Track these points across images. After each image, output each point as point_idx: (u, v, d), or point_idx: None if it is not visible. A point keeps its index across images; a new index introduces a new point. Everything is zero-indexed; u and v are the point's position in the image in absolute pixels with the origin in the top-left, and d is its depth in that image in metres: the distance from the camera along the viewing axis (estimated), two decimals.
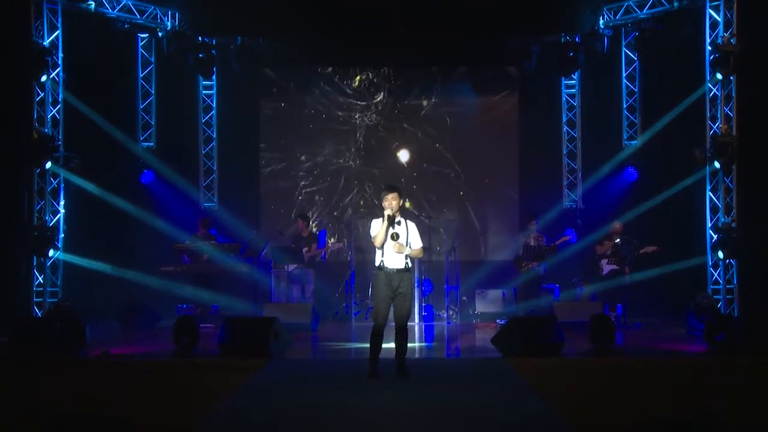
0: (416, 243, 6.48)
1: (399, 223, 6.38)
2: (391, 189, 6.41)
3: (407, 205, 12.13)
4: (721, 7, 10.26)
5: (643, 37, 11.24)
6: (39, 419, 4.32)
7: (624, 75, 12.08)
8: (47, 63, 10.33)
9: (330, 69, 12.84)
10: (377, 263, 6.41)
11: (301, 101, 12.86)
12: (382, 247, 6.36)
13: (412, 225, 6.52)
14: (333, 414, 5.13)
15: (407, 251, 6.35)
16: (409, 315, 6.47)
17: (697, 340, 8.66)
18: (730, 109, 10.34)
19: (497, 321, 10.73)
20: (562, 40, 11.55)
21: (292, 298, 10.82)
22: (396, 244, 6.27)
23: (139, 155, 12.01)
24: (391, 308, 6.40)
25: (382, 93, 12.86)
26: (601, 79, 12.26)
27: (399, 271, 6.35)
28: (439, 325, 10.97)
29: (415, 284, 11.21)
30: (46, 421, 4.08)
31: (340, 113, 12.88)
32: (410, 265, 6.45)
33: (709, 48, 10.34)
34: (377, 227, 6.37)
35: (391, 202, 6.33)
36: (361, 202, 12.79)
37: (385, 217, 6.28)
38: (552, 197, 12.32)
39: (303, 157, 12.85)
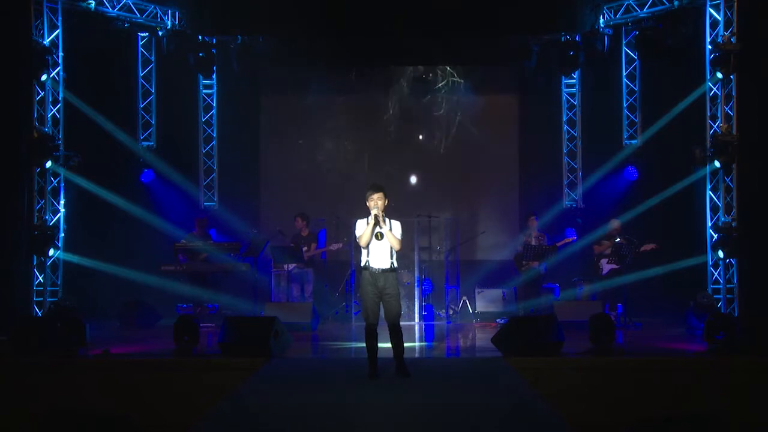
0: (397, 237, 6.47)
1: (384, 221, 6.43)
2: (376, 189, 6.48)
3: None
4: (722, 6, 10.24)
5: (644, 36, 11.24)
6: (39, 418, 4.32)
7: (624, 74, 12.06)
8: (47, 62, 10.31)
9: (330, 68, 12.80)
10: (363, 263, 6.48)
11: (301, 100, 12.84)
12: (367, 246, 6.41)
13: (396, 224, 6.57)
14: (333, 413, 5.13)
15: (387, 232, 6.34)
16: (399, 314, 6.48)
17: (697, 339, 8.66)
18: (730, 109, 10.31)
19: (497, 320, 10.74)
20: (563, 39, 11.54)
21: (292, 298, 10.83)
22: (378, 231, 6.30)
23: (140, 154, 12.00)
24: (381, 309, 6.44)
25: (381, 93, 12.85)
26: (602, 78, 12.25)
27: (384, 271, 6.40)
28: (439, 325, 10.98)
29: (415, 283, 11.29)
30: (46, 419, 4.08)
31: (339, 113, 12.88)
32: (395, 265, 6.49)
33: (710, 47, 10.32)
34: (362, 227, 6.46)
35: (377, 202, 6.41)
36: (362, 202, 12.75)
37: (372, 217, 6.35)
38: (552, 196, 12.32)
39: (303, 157, 12.84)
